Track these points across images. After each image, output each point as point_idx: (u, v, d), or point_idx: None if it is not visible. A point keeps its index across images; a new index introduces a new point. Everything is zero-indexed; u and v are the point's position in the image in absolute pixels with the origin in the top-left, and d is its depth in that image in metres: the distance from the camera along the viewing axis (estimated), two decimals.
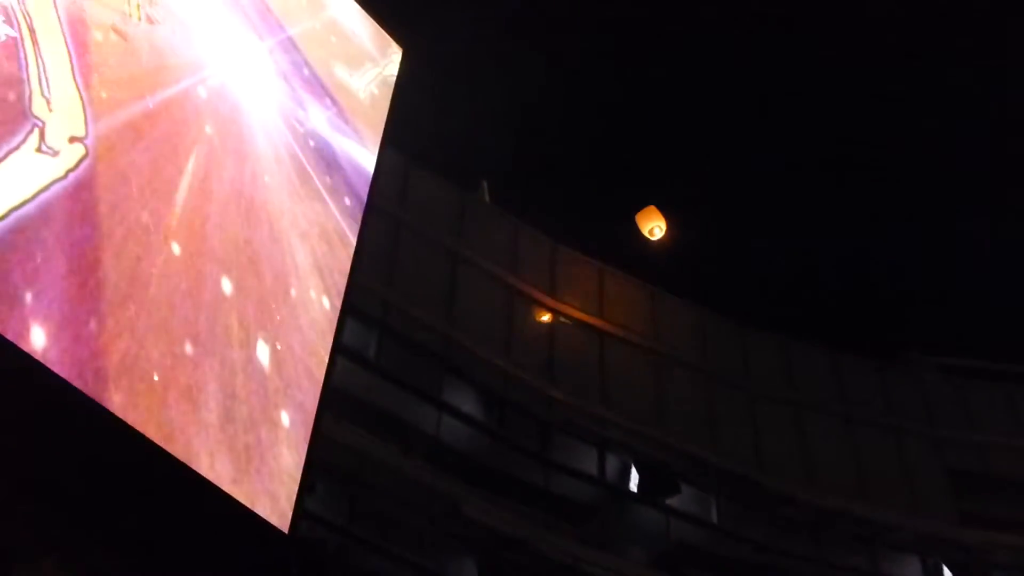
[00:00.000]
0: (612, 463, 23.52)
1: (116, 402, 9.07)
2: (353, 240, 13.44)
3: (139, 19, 11.00)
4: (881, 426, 27.66)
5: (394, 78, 15.72)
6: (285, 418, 11.19)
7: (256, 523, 11.83)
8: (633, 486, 23.34)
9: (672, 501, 23.47)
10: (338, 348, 13.03)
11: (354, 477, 19.08)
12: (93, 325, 9.06)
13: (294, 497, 11.21)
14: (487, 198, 26.72)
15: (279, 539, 12.44)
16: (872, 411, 27.80)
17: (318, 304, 12.36)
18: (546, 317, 24.76)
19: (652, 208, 26.44)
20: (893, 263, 31.03)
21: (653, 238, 26.26)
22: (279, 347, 11.35)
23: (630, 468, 23.44)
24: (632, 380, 24.88)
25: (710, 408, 25.64)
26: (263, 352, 11.10)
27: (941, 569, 26.02)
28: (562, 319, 24.93)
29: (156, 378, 9.55)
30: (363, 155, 14.30)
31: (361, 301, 18.07)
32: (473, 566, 20.41)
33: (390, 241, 22.48)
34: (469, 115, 25.50)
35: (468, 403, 22.19)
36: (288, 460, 11.11)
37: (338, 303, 12.76)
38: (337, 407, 16.92)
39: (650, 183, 28.16)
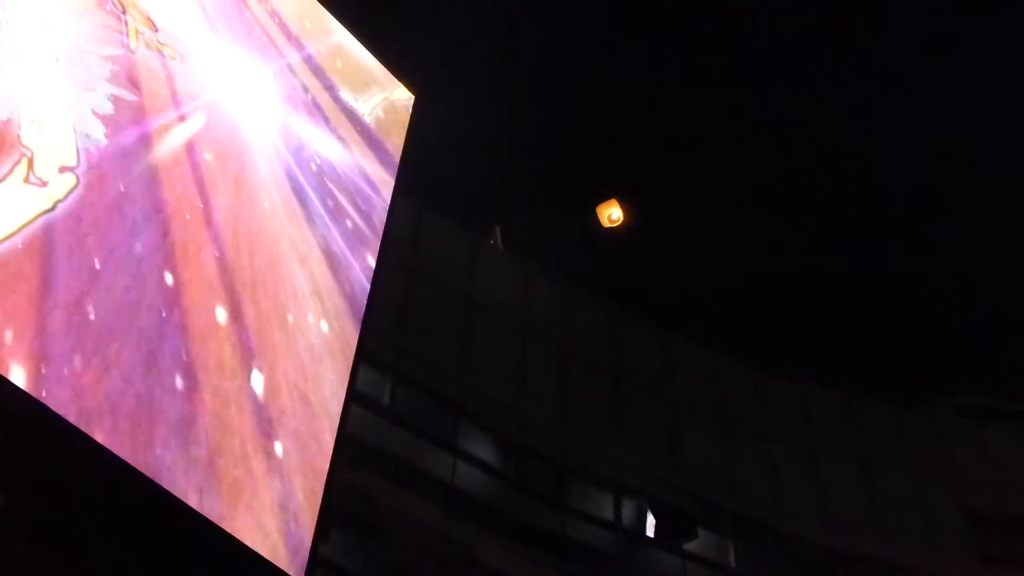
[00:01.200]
0: (628, 508, 23.43)
1: (99, 441, 8.89)
2: (354, 262, 13.21)
3: (137, 45, 10.96)
4: (899, 467, 27.51)
5: (401, 102, 15.65)
6: (279, 448, 10.90)
7: (266, 568, 11.80)
8: (650, 531, 23.25)
9: (689, 545, 23.35)
10: (352, 395, 12.95)
11: (369, 524, 19.03)
12: (78, 362, 8.88)
13: (284, 528, 10.99)
14: (500, 243, 26.81)
15: None
16: (889, 452, 27.64)
17: (316, 328, 12.15)
18: (560, 359, 24.77)
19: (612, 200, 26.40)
20: (908, 302, 30.94)
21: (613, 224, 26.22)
22: (275, 375, 11.11)
23: (646, 513, 23.35)
24: (647, 424, 24.82)
25: (726, 451, 25.55)
26: (257, 381, 10.87)
27: None
28: (576, 361, 24.94)
29: (143, 415, 9.33)
30: (367, 177, 14.19)
31: (375, 347, 18.11)
32: None
33: (403, 287, 22.52)
34: (483, 159, 25.62)
35: (483, 448, 22.16)
36: (280, 491, 10.77)
37: (337, 325, 12.51)
38: (351, 454, 16.92)
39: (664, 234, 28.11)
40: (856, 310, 30.92)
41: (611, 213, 26.30)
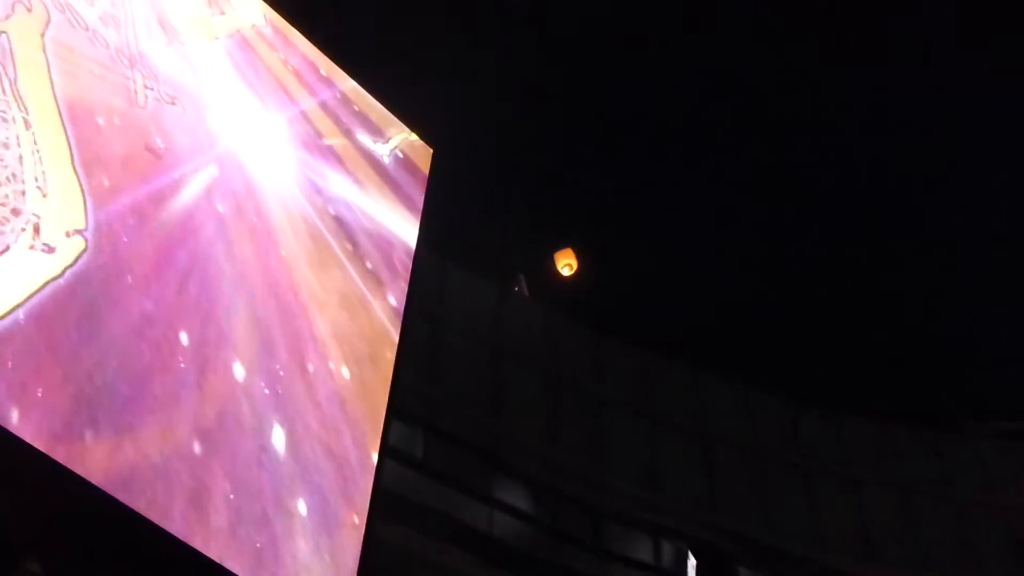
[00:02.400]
0: (667, 550, 23.15)
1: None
2: (375, 302, 12.91)
3: (145, 99, 10.78)
4: (940, 497, 27.15)
5: (419, 143, 15.45)
6: (302, 506, 10.33)
7: None
8: (691, 573, 22.95)
9: None
10: (386, 450, 12.62)
11: None
12: (89, 438, 8.47)
13: None
14: (525, 290, 26.74)
15: None
16: (930, 482, 27.29)
17: (337, 375, 11.79)
18: (593, 405, 24.58)
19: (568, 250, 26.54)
20: (942, 330, 30.69)
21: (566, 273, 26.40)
22: (296, 428, 10.65)
23: (686, 555, 23.06)
24: (682, 464, 24.58)
25: (762, 487, 25.27)
26: (278, 437, 10.40)
27: None
28: (610, 407, 24.75)
29: (159, 488, 8.90)
30: (386, 218, 14.00)
31: (405, 401, 17.93)
32: None
33: (431, 339, 22.40)
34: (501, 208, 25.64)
35: (518, 497, 21.94)
36: (304, 551, 10.15)
37: (357, 370, 12.16)
38: (385, 508, 16.70)
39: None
40: (890, 339, 30.68)
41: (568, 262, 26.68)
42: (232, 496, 9.59)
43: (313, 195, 12.85)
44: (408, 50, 22.58)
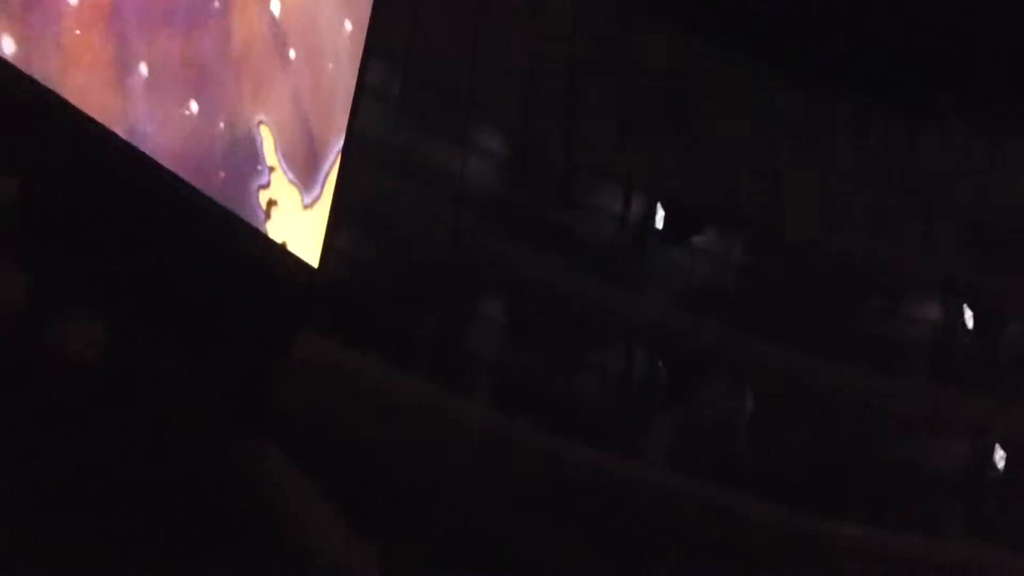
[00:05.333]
0: (637, 202, 23.45)
1: None
2: None
3: None
4: (907, 176, 27.44)
5: None
6: (292, 53, 12.06)
7: (279, 252, 11.95)
8: (659, 224, 23.33)
9: (697, 240, 23.53)
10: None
11: (379, 220, 19.10)
12: None
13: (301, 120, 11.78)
14: None
15: (307, 272, 12.59)
16: (899, 162, 27.49)
17: None
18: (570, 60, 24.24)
19: None
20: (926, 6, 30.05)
21: None
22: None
23: (655, 207, 23.38)
24: (658, 120, 24.48)
25: (735, 152, 25.36)
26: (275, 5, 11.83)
27: (962, 312, 26.25)
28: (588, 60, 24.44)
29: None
30: None
31: (385, 42, 17.78)
32: (499, 307, 20.64)
33: None
34: None
35: (492, 144, 22.02)
36: (295, 87, 12.08)
37: None
38: (363, 148, 16.82)
39: None
40: (873, 12, 30.10)
41: None
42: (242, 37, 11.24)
43: None
44: None
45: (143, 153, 9.78)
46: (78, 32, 9.19)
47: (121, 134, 9.64)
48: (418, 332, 19.12)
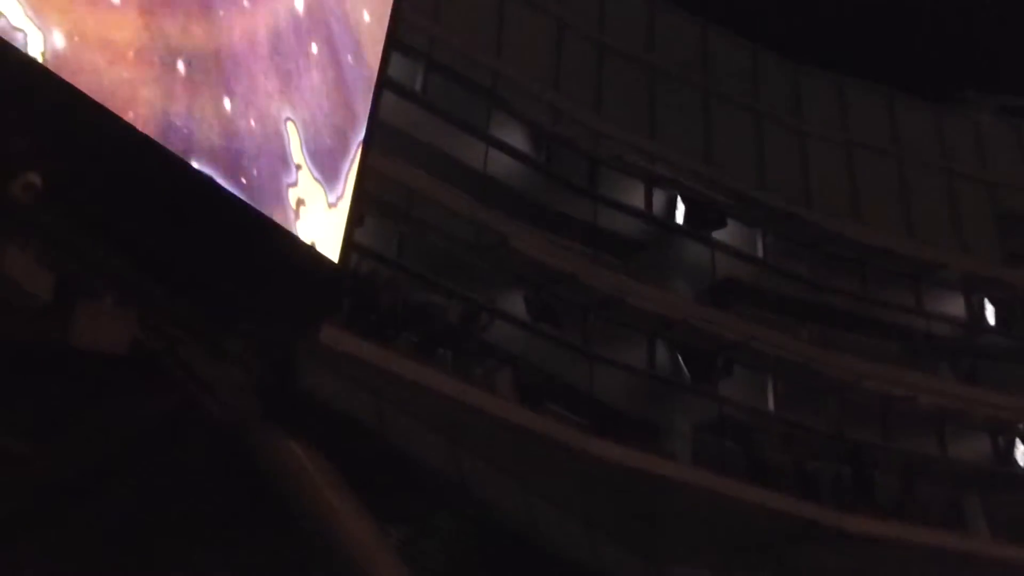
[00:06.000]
0: (659, 198, 23.52)
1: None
2: None
3: None
4: (933, 167, 27.40)
5: None
6: (314, 47, 12.03)
7: (307, 253, 12.03)
8: (679, 220, 23.39)
9: (718, 235, 23.56)
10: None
11: (403, 212, 19.21)
12: None
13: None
14: None
15: (329, 268, 12.66)
16: (925, 152, 27.47)
17: None
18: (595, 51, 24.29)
19: None
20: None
21: None
22: None
23: (676, 203, 23.43)
24: (681, 115, 24.56)
25: (759, 144, 25.40)
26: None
27: (984, 306, 26.21)
28: (611, 54, 24.47)
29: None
30: None
31: (407, 36, 17.87)
32: (521, 300, 20.72)
33: None
34: None
35: (516, 138, 22.10)
36: (317, 79, 12.00)
37: None
38: (385, 142, 16.92)
39: None
40: (899, 6, 30.14)
41: None
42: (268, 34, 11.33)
43: None
44: None
45: (176, 155, 9.90)
46: (123, 27, 9.34)
47: (163, 129, 9.78)
48: (441, 324, 19.18)
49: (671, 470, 20.26)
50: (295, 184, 11.81)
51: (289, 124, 11.75)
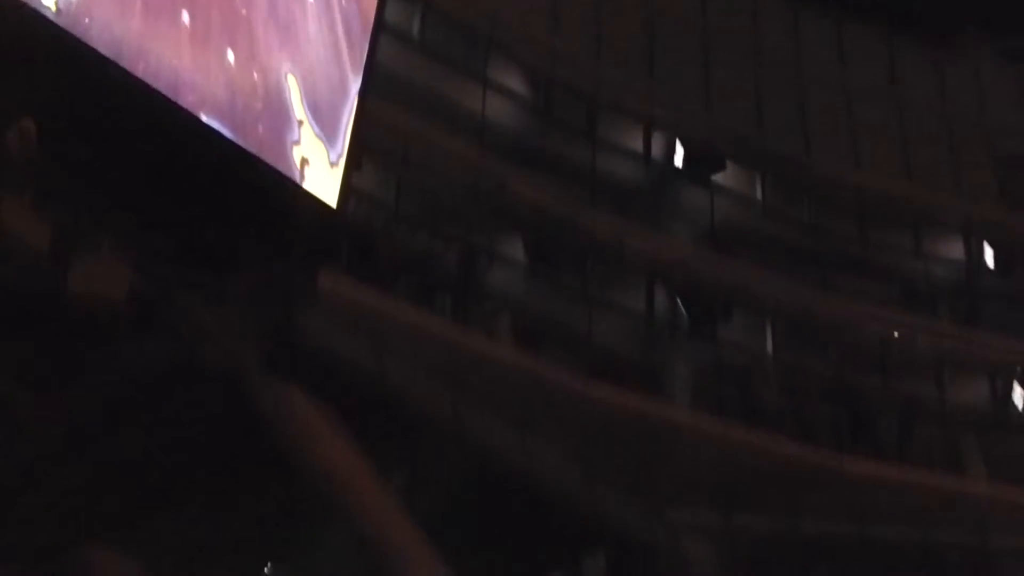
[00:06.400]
0: (658, 142, 23.39)
1: None
2: None
3: None
4: (933, 112, 27.27)
5: None
6: None
7: (304, 197, 12.00)
8: (678, 163, 23.27)
9: (717, 179, 23.45)
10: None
11: (400, 156, 19.09)
12: None
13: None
14: None
15: (327, 213, 12.62)
16: (925, 96, 27.31)
17: None
18: None
19: None
20: None
21: None
22: None
23: (675, 146, 23.30)
24: (680, 59, 24.38)
25: (758, 88, 25.24)
26: None
27: (983, 250, 26.17)
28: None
29: None
30: None
31: None
32: (520, 244, 20.65)
33: None
34: None
35: (514, 81, 21.93)
36: (314, 29, 12.03)
37: None
38: (382, 87, 16.80)
39: None
40: None
41: None
42: None
43: None
44: None
45: (182, 107, 9.86)
46: None
47: (173, 81, 9.72)
48: (440, 270, 19.14)
49: (670, 414, 20.30)
50: (298, 142, 11.79)
51: (290, 77, 11.69)
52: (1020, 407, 24.49)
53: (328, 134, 12.38)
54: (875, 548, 21.80)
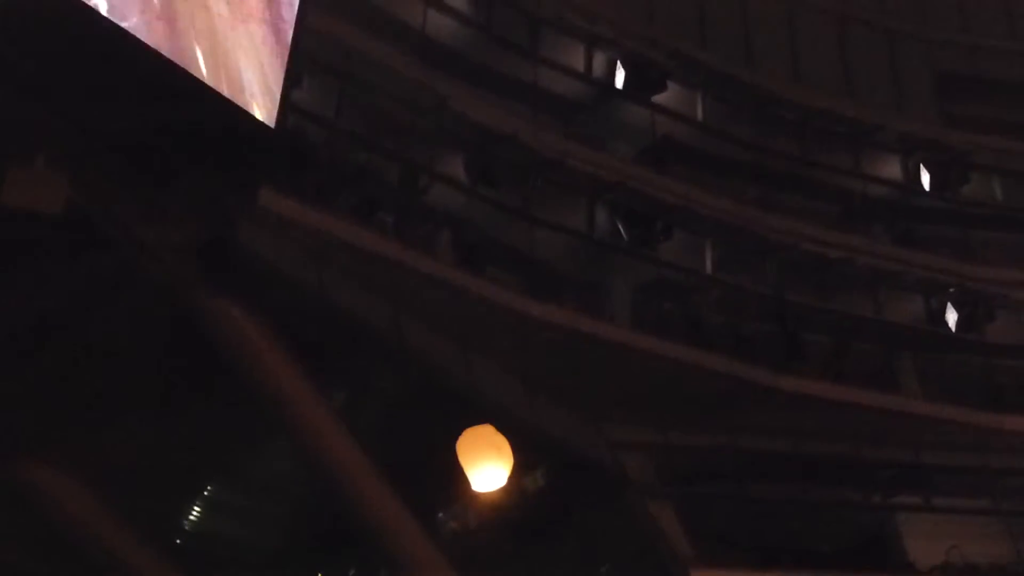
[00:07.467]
0: (600, 60, 23.27)
1: None
2: None
3: None
4: (873, 27, 27.33)
5: None
6: None
7: (240, 116, 11.86)
8: (620, 83, 23.20)
9: (658, 98, 23.41)
10: None
11: (340, 71, 18.85)
12: None
13: None
14: None
15: (264, 132, 12.51)
16: (866, 11, 27.36)
17: None
18: None
19: None
20: None
21: None
22: None
23: (617, 65, 23.20)
24: None
25: (702, 5, 25.16)
26: None
27: (920, 171, 26.36)
28: None
29: None
30: None
31: None
32: (460, 161, 20.54)
33: None
34: None
35: None
36: None
37: None
38: (323, 1, 16.59)
39: None
40: None
41: None
42: None
43: None
44: None
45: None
46: None
47: None
48: (381, 186, 19.01)
49: (610, 332, 20.38)
50: None
51: None
52: (952, 325, 24.81)
53: None
54: (810, 464, 22.17)
